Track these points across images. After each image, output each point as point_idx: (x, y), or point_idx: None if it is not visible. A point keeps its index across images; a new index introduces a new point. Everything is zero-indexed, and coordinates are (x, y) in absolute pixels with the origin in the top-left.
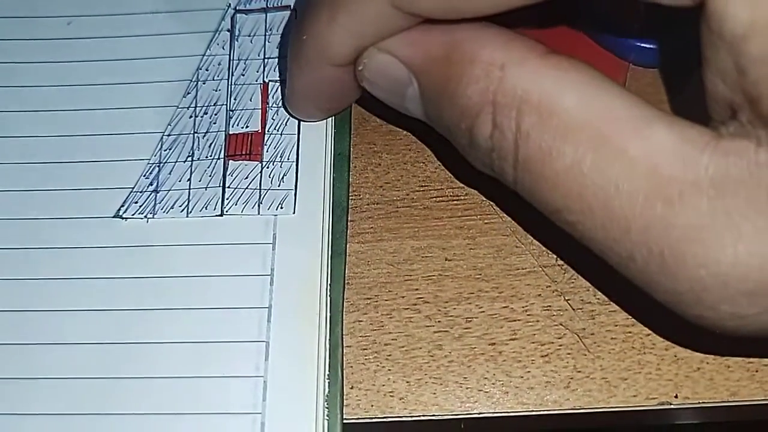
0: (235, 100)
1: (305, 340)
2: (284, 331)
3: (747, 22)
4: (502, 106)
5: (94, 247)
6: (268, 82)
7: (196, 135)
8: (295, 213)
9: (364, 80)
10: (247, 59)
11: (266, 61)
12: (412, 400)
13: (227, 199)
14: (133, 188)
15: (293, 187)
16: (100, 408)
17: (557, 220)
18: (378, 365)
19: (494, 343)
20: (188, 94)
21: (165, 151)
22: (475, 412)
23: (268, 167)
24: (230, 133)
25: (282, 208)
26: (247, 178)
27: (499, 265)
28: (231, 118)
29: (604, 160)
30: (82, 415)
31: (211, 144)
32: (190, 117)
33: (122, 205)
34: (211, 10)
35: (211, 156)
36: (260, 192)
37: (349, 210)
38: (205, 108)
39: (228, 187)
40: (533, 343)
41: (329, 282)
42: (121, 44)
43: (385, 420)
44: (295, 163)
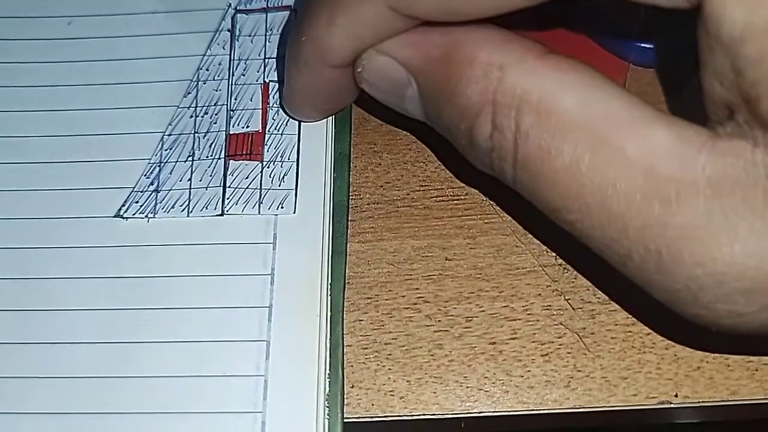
0: (236, 100)
1: (306, 339)
2: (285, 331)
3: (743, 24)
4: (502, 106)
5: (95, 247)
6: (268, 82)
7: (197, 135)
8: (295, 213)
9: (363, 82)
10: (247, 59)
11: (267, 61)
12: (413, 400)
13: (228, 199)
14: (134, 188)
15: (294, 187)
16: (101, 407)
17: (556, 219)
18: (378, 364)
19: (494, 343)
20: (189, 94)
21: (166, 150)
22: (476, 411)
23: (268, 167)
24: (231, 133)
25: (282, 208)
26: (247, 177)
27: (500, 265)
28: (231, 118)
29: (602, 160)
30: (83, 414)
31: (212, 144)
32: (191, 117)
33: (123, 205)
34: (212, 10)
35: (212, 156)
36: (261, 192)
37: (350, 209)
38: (205, 108)
39: (228, 186)
40: (533, 342)
41: (330, 281)
42: (121, 44)
43: (385, 419)
44: (295, 163)
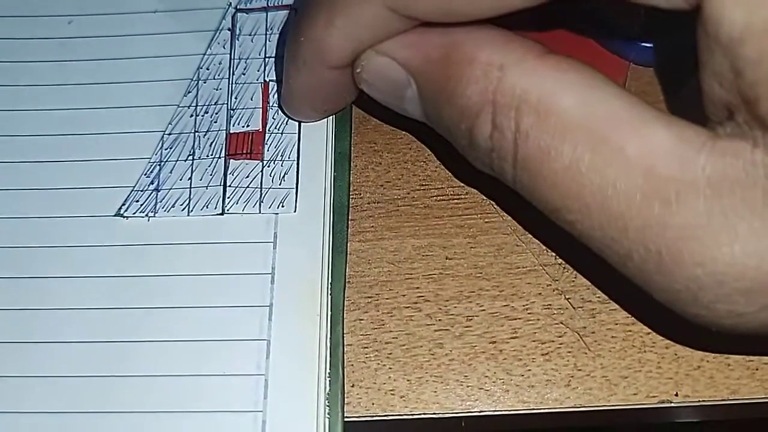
0: (236, 99)
1: (306, 338)
2: (285, 330)
3: (743, 25)
4: (502, 106)
5: (96, 246)
6: (268, 81)
7: (197, 134)
8: (296, 212)
9: (363, 82)
10: (247, 58)
11: (267, 60)
12: (413, 399)
13: (228, 198)
14: (134, 187)
15: (294, 186)
16: (101, 406)
17: (556, 219)
18: (379, 364)
19: (495, 342)
20: (189, 93)
21: (166, 149)
22: (476, 410)
23: (269, 166)
24: (231, 132)
25: (283, 207)
26: (248, 176)
27: (500, 264)
28: (232, 117)
29: (602, 160)
30: (83, 414)
31: (212, 143)
32: (191, 116)
33: (123, 204)
34: (212, 9)
35: (212, 155)
36: (261, 191)
37: (350, 209)
38: (206, 107)
39: (229, 185)
40: (534, 341)
41: (330, 280)
42: (121, 43)
43: (385, 418)
44: (296, 162)
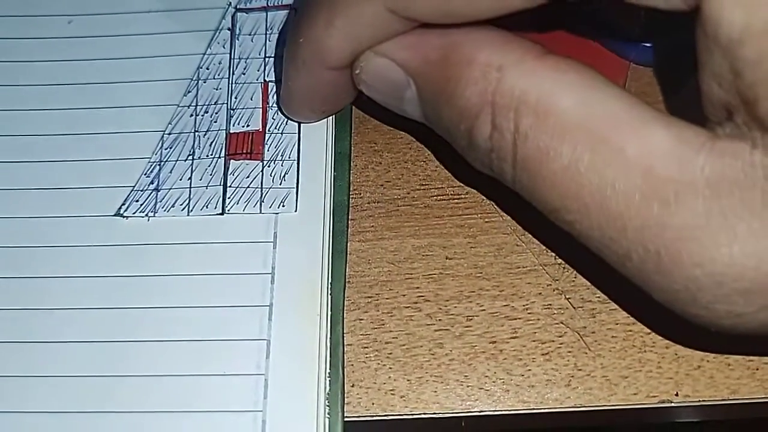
0: (236, 98)
1: (306, 338)
2: (285, 330)
3: (742, 26)
4: (501, 107)
5: (95, 246)
6: (268, 81)
7: (197, 134)
8: (296, 211)
9: (362, 83)
10: (247, 58)
11: (267, 60)
12: (413, 399)
13: (228, 198)
14: (134, 187)
15: (294, 186)
16: (101, 406)
17: (555, 219)
18: (379, 363)
19: (495, 342)
20: (189, 92)
21: (166, 149)
22: (476, 410)
23: (269, 166)
24: (231, 131)
25: (283, 207)
26: (248, 176)
27: (500, 264)
28: (232, 116)
29: (601, 160)
30: (83, 413)
31: (212, 143)
32: (191, 116)
33: (123, 204)
34: (212, 9)
35: (212, 155)
36: (261, 190)
37: (350, 208)
38: (205, 107)
39: (229, 185)
40: (534, 341)
41: (330, 280)
42: (121, 43)
43: (386, 418)
44: (296, 162)
